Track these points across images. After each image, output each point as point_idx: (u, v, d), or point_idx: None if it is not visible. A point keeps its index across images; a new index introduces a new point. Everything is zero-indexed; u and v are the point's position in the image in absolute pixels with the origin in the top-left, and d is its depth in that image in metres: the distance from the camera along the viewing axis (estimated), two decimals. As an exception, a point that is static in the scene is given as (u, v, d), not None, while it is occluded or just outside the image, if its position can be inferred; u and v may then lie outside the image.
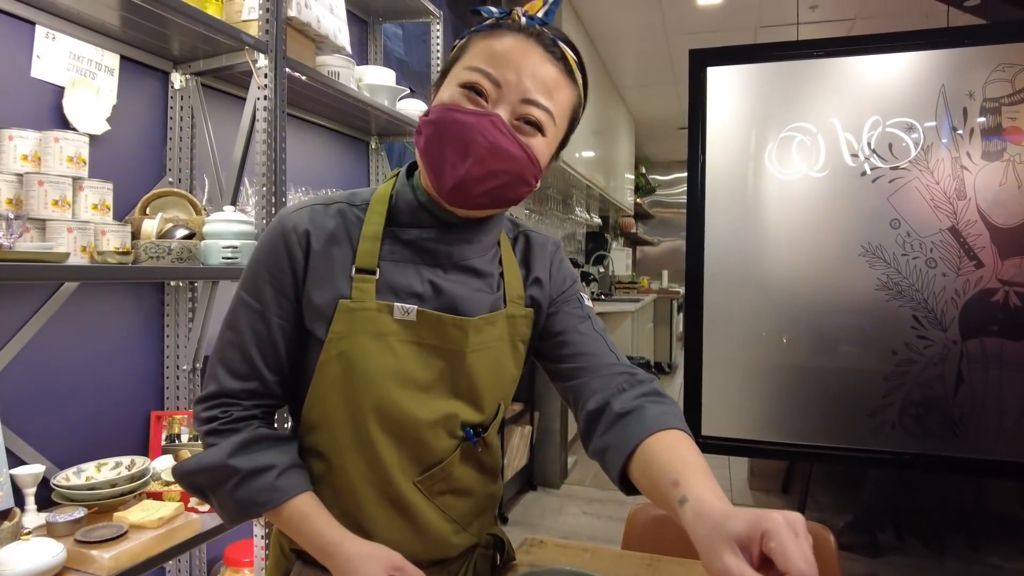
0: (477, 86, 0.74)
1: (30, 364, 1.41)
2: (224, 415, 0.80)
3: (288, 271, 0.80)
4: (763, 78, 2.30)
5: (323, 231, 0.80)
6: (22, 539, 1.16)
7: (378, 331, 0.78)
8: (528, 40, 0.75)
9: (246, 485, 0.77)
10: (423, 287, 0.81)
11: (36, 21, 1.39)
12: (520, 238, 0.94)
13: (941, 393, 2.08)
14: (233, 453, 0.77)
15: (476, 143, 0.72)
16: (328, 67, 1.91)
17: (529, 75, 0.74)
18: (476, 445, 0.86)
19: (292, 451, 0.82)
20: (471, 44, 0.77)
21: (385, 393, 0.78)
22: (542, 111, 0.75)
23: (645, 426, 0.74)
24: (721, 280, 2.33)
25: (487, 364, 0.84)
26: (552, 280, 0.92)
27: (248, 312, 0.81)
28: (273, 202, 1.60)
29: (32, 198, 1.24)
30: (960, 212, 2.05)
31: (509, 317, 0.86)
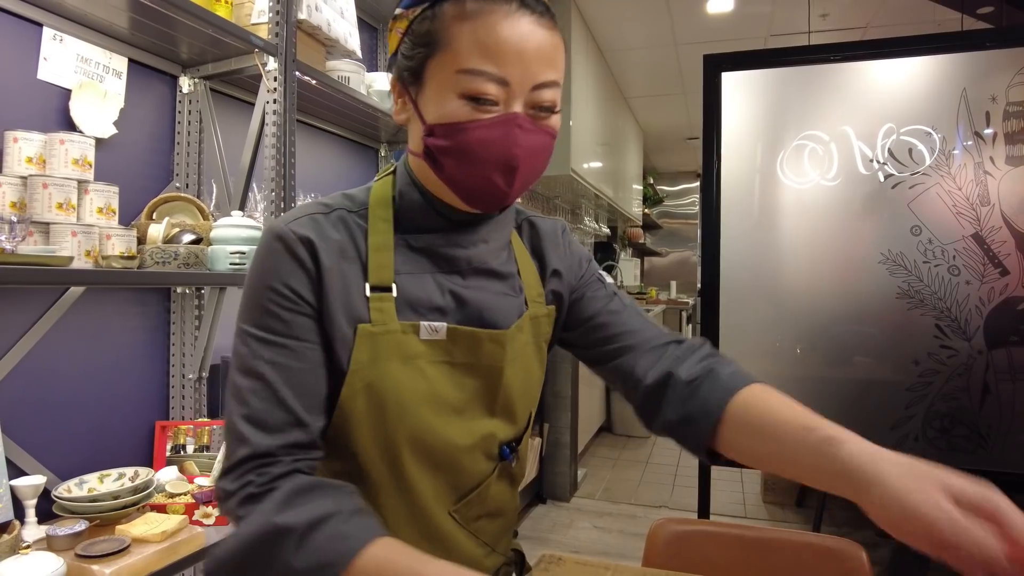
0: (484, 95, 0.64)
1: (32, 372, 1.37)
2: (261, 477, 0.62)
3: (304, 284, 0.67)
4: (775, 87, 2.26)
5: (330, 243, 0.69)
6: (21, 553, 1.12)
7: (405, 355, 0.69)
8: (519, 12, 0.64)
9: (308, 544, 0.57)
10: (444, 299, 0.73)
11: (43, 23, 1.37)
12: (524, 225, 0.86)
13: (966, 405, 2.02)
14: (280, 510, 0.59)
15: (514, 157, 0.65)
16: (338, 72, 1.89)
17: (534, 57, 0.65)
18: (511, 461, 0.80)
19: (353, 496, 0.63)
20: (448, 28, 0.64)
21: (419, 423, 0.70)
22: (554, 88, 0.68)
23: (725, 387, 0.71)
24: (736, 290, 2.29)
25: (520, 375, 0.78)
26: (570, 268, 0.86)
27: (265, 348, 0.66)
28: (282, 208, 1.57)
29: (36, 201, 1.21)
30: (984, 218, 2.00)
31: (532, 318, 0.80)
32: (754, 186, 2.29)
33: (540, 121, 0.68)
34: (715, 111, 2.30)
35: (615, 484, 3.95)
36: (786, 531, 1.23)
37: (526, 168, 0.67)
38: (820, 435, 0.60)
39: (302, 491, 0.61)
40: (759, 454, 0.67)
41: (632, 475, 4.11)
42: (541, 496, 3.65)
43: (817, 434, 0.60)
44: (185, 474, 1.56)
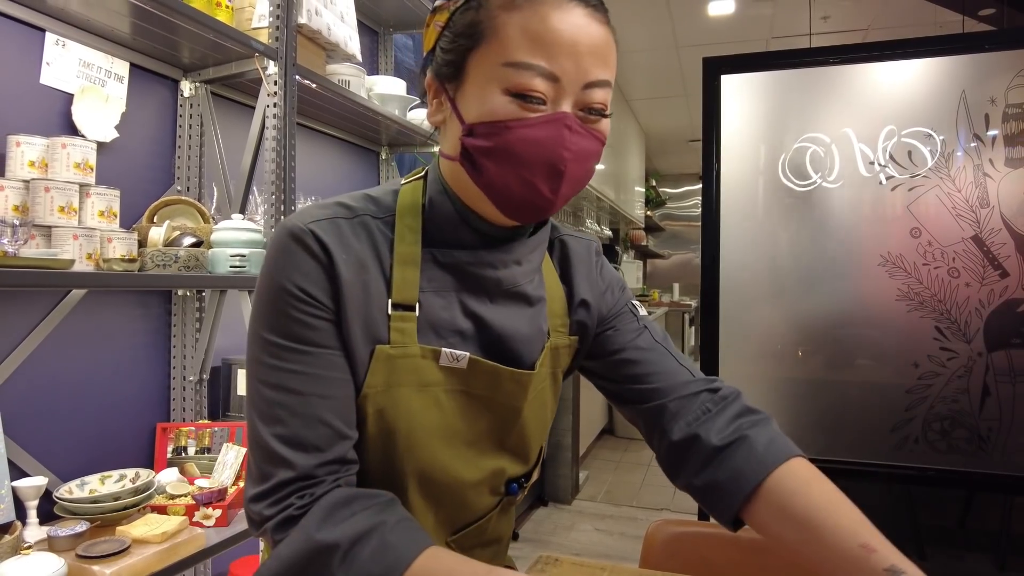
0: (532, 91, 0.58)
1: (34, 374, 1.38)
2: (302, 500, 0.58)
3: (322, 289, 0.62)
4: (775, 89, 2.27)
5: (350, 251, 0.63)
6: (22, 553, 1.13)
7: (422, 382, 0.65)
8: (569, 2, 0.59)
9: (354, 560, 0.54)
10: (467, 323, 0.67)
11: (46, 28, 1.38)
12: (557, 244, 0.79)
13: (966, 407, 2.02)
14: (320, 526, 0.55)
15: (562, 160, 0.60)
16: (338, 76, 1.90)
17: (588, 51, 0.59)
18: (517, 495, 0.76)
19: (395, 504, 0.60)
20: (495, 17, 0.59)
21: (428, 456, 0.66)
22: (605, 88, 0.62)
23: (760, 460, 0.66)
24: (737, 292, 2.29)
25: (536, 412, 0.74)
26: (601, 297, 0.79)
27: (290, 356, 0.61)
28: (282, 211, 1.58)
29: (38, 204, 1.22)
30: (983, 220, 2.00)
31: (552, 349, 0.74)
32: (755, 188, 2.29)
33: (590, 124, 0.62)
34: (715, 114, 2.31)
35: (617, 487, 3.95)
36: (783, 533, 1.23)
37: (573, 174, 0.61)
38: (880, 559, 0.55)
39: (341, 504, 0.57)
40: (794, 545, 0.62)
41: (634, 478, 4.11)
42: (542, 498, 3.65)
43: (878, 558, 0.56)
44: (186, 476, 1.57)
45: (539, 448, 0.78)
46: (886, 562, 0.55)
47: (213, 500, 1.46)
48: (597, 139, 0.63)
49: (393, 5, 2.43)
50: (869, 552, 0.56)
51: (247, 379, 0.63)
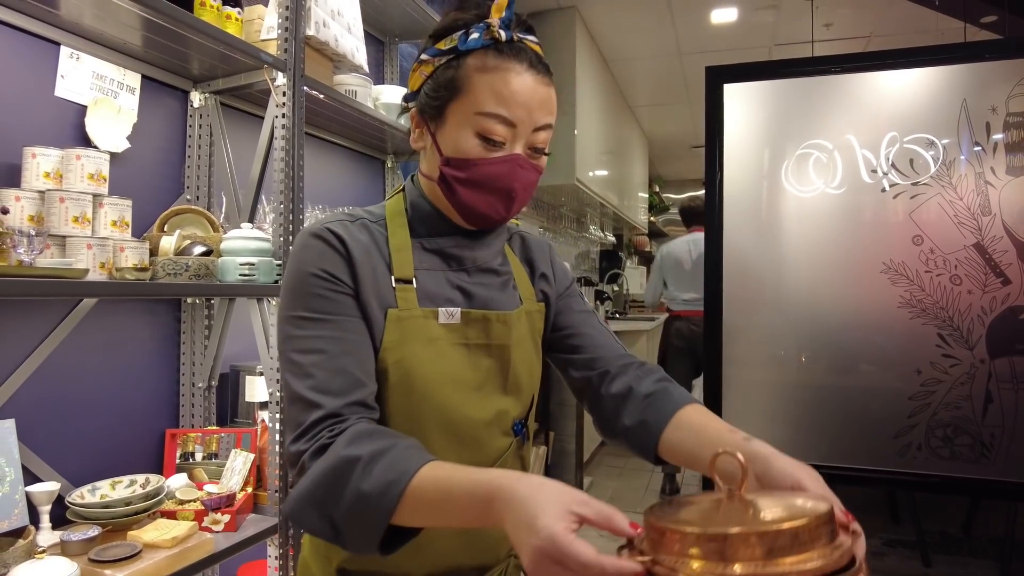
0: (495, 136, 0.77)
1: (47, 380, 1.40)
2: (332, 431, 0.69)
3: (342, 270, 0.77)
4: (779, 96, 2.29)
5: (358, 243, 0.79)
6: (36, 557, 1.14)
7: (428, 337, 0.79)
8: (531, 74, 0.78)
9: (373, 469, 0.63)
10: (453, 292, 0.84)
11: (61, 42, 1.41)
12: (515, 238, 0.98)
13: (969, 414, 2.03)
14: (347, 446, 0.66)
15: (514, 190, 0.79)
16: (345, 86, 1.92)
17: (538, 107, 0.79)
18: (523, 439, 0.89)
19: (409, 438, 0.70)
20: (471, 79, 0.77)
21: (443, 398, 0.79)
22: (547, 131, 0.81)
23: (675, 402, 0.82)
24: (739, 298, 2.30)
25: (524, 357, 0.88)
26: (556, 276, 0.98)
27: (318, 326, 0.74)
28: (291, 219, 1.60)
29: (53, 215, 1.25)
30: (985, 228, 2.01)
31: (528, 312, 0.90)
32: (758, 195, 2.30)
33: (534, 160, 0.82)
34: (718, 122, 2.32)
35: (621, 493, 3.96)
36: (785, 539, 1.24)
37: (520, 199, 0.81)
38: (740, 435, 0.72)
39: (365, 433, 0.68)
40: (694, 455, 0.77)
41: (638, 484, 4.11)
42: (547, 504, 3.65)
43: (738, 435, 0.73)
44: (194, 481, 1.59)
45: (531, 395, 0.91)
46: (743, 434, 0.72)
47: (222, 505, 1.48)
48: (538, 171, 0.83)
49: (398, 15, 2.46)
50: (732, 433, 0.74)
51: (280, 356, 0.77)
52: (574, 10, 4.14)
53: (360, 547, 0.65)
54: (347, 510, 0.64)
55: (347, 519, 0.64)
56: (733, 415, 2.31)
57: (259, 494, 1.61)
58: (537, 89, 0.78)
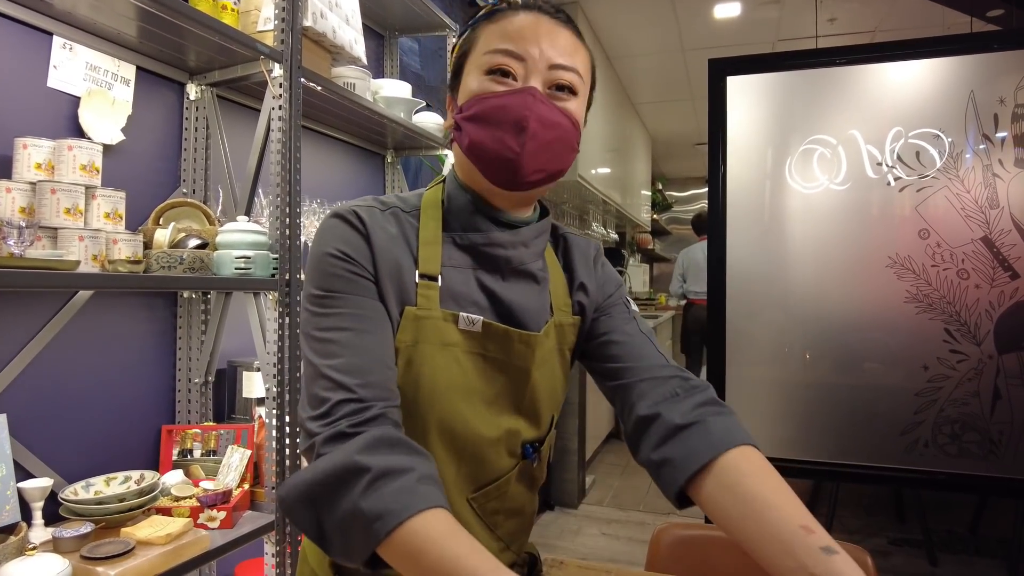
0: (504, 67, 0.73)
1: (40, 375, 1.39)
2: (354, 419, 0.65)
3: (362, 252, 0.73)
4: (782, 91, 2.26)
5: (383, 231, 0.75)
6: (27, 554, 1.12)
7: (444, 341, 0.74)
8: (536, 13, 0.76)
9: (378, 488, 0.59)
10: (480, 295, 0.78)
11: (54, 32, 1.39)
12: (561, 240, 0.91)
13: (977, 410, 2.00)
14: (363, 451, 0.61)
15: (525, 119, 0.71)
16: (344, 78, 1.90)
17: (549, 43, 0.74)
18: (533, 461, 0.83)
19: (430, 462, 0.65)
20: (480, 34, 0.77)
21: (450, 408, 0.74)
22: (571, 73, 0.75)
23: (715, 441, 0.70)
24: (744, 295, 2.28)
25: (546, 379, 0.82)
26: (599, 287, 0.89)
27: (340, 304, 0.71)
28: (287, 213, 1.58)
29: (44, 206, 1.23)
30: (993, 221, 1.98)
31: (558, 326, 0.83)
32: (762, 190, 2.28)
33: (557, 100, 0.75)
34: (721, 115, 2.30)
35: (623, 491, 3.93)
36: (791, 536, 1.22)
37: (536, 133, 0.72)
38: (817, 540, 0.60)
39: (387, 442, 0.63)
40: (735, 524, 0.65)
41: (640, 482, 4.09)
42: (549, 503, 3.64)
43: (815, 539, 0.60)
44: (190, 478, 1.57)
45: (551, 416, 0.85)
46: (823, 542, 0.59)
47: (218, 502, 1.46)
48: (561, 112, 0.74)
49: (399, 9, 2.43)
50: (808, 533, 0.60)
51: (301, 335, 0.74)
52: (576, 6, 4.11)
53: (342, 559, 0.61)
54: (339, 521, 0.60)
55: (336, 529, 0.61)
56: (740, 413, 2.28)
57: (256, 491, 1.59)
58: (548, 26, 0.75)
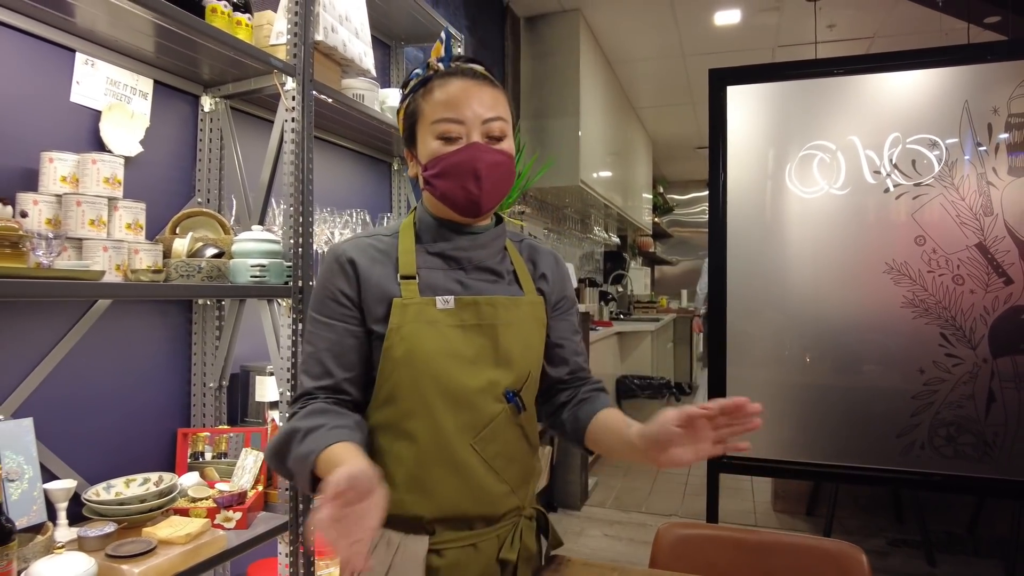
0: (450, 134, 0.96)
1: (63, 381, 1.43)
2: (305, 406, 0.95)
3: (345, 286, 0.98)
4: (782, 97, 2.31)
5: (366, 255, 1.00)
6: (55, 553, 1.17)
7: (428, 319, 0.96)
8: (461, 79, 0.97)
9: (306, 439, 0.89)
10: (453, 285, 1.00)
11: (77, 49, 1.44)
12: (524, 243, 1.13)
13: (972, 413, 2.05)
14: (301, 419, 0.92)
15: (478, 168, 0.95)
16: (353, 90, 1.95)
17: (478, 103, 0.96)
18: (516, 405, 1.01)
19: (351, 418, 0.94)
20: (422, 104, 0.99)
21: (440, 367, 0.95)
22: (499, 121, 0.98)
23: (597, 406, 1.05)
24: (744, 299, 2.32)
25: (517, 337, 1.01)
26: (555, 280, 1.11)
27: (318, 326, 0.99)
28: (300, 222, 1.63)
29: (70, 218, 1.28)
30: (987, 228, 2.03)
31: (528, 303, 1.05)
32: (762, 196, 2.32)
33: (494, 145, 0.98)
34: (721, 124, 2.35)
35: (625, 493, 3.97)
36: (787, 535, 1.26)
37: (489, 176, 0.96)
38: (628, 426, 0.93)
39: (317, 411, 0.93)
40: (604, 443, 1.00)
41: (642, 484, 4.13)
42: (552, 504, 3.68)
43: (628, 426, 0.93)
44: (206, 480, 1.62)
45: (527, 369, 1.03)
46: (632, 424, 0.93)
47: (233, 503, 1.51)
48: (502, 153, 0.98)
49: (404, 19, 2.48)
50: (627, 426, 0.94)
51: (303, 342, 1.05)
52: (578, 12, 4.16)
53: (304, 490, 0.93)
54: (292, 463, 0.90)
55: (293, 468, 0.91)
56: (737, 414, 2.32)
57: (270, 492, 1.64)
58: (475, 89, 0.97)
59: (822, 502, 3.43)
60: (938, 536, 3.08)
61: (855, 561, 1.14)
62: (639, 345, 5.39)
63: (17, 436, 1.27)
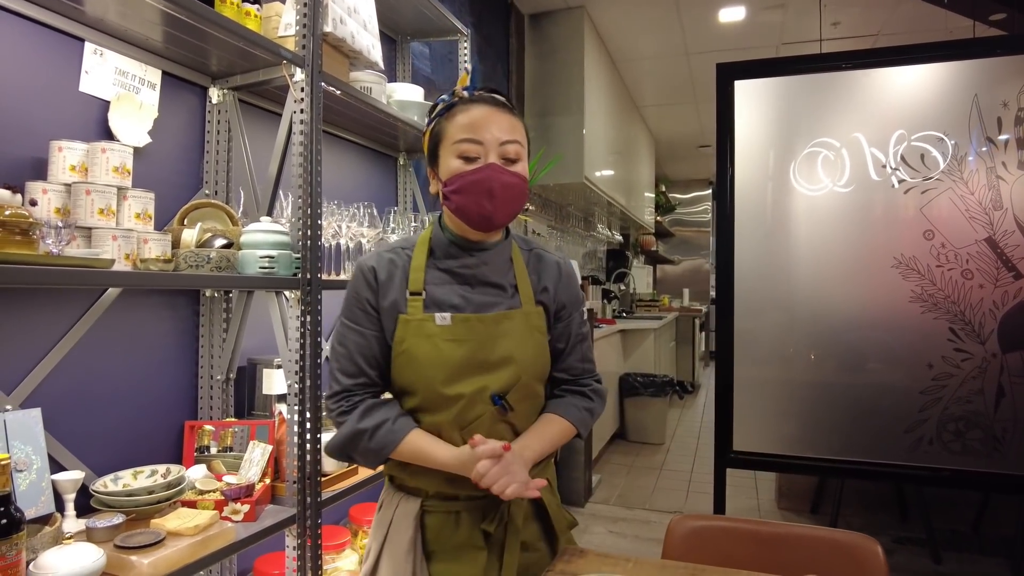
0: (469, 153, 1.06)
1: (70, 371, 1.43)
2: (346, 402, 1.11)
3: (367, 296, 1.12)
4: (786, 95, 2.30)
5: (385, 269, 1.12)
6: (64, 543, 1.16)
7: (426, 334, 1.09)
8: (483, 105, 1.08)
9: (375, 437, 1.07)
10: (458, 299, 1.12)
11: (85, 38, 1.43)
12: (532, 254, 1.21)
13: (981, 408, 2.04)
14: (359, 420, 1.08)
15: (492, 188, 1.05)
16: (361, 83, 1.94)
17: (496, 127, 1.06)
18: (502, 407, 1.10)
19: (396, 407, 1.12)
20: (446, 127, 1.09)
21: (433, 375, 1.08)
22: (515, 144, 1.08)
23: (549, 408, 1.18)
24: (751, 296, 2.31)
25: (509, 346, 1.11)
26: (558, 291, 1.20)
27: (349, 331, 1.12)
28: (309, 214, 1.62)
29: (79, 207, 1.27)
30: (996, 222, 2.02)
31: (524, 314, 1.14)
32: (767, 193, 2.32)
33: (509, 167, 1.07)
34: (728, 119, 2.34)
35: (629, 490, 3.97)
36: (800, 526, 1.25)
37: (502, 196, 1.05)
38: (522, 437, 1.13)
39: (371, 408, 1.10)
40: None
41: (646, 481, 4.12)
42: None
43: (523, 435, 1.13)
44: (213, 472, 1.61)
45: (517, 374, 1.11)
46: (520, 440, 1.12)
47: (241, 496, 1.50)
48: (516, 175, 1.08)
49: (411, 14, 2.48)
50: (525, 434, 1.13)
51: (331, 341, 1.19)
52: (582, 9, 4.16)
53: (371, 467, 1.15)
54: (362, 456, 1.11)
55: (361, 459, 1.12)
56: (745, 411, 2.32)
57: (277, 485, 1.63)
58: (494, 114, 1.07)
59: (826, 499, 3.42)
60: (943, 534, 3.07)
61: (870, 553, 1.13)
62: (642, 343, 5.38)
63: (26, 426, 1.26)
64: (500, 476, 1.00)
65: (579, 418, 1.18)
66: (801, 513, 3.51)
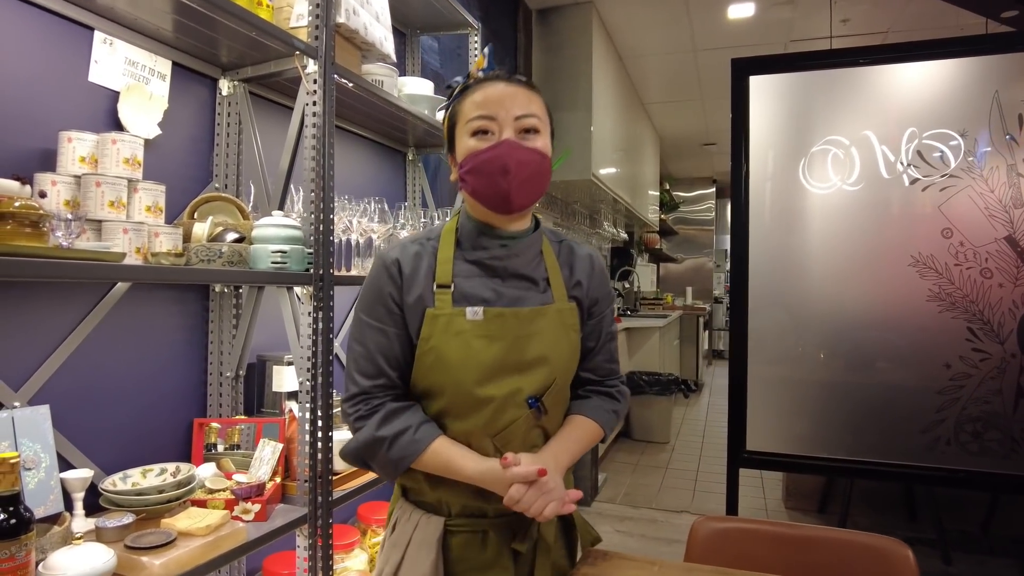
0: (483, 129, 0.99)
1: (79, 368, 1.40)
2: (365, 406, 1.02)
3: (391, 291, 1.03)
4: (796, 92, 2.27)
5: (409, 261, 1.04)
6: (73, 543, 1.14)
7: (456, 330, 1.00)
8: (496, 82, 1.02)
9: (394, 446, 0.98)
10: (489, 293, 1.03)
11: (95, 27, 1.40)
12: (563, 247, 1.14)
13: (999, 408, 2.01)
14: (378, 427, 0.99)
15: (507, 164, 0.97)
16: (372, 75, 1.91)
17: (511, 101, 0.99)
18: (538, 410, 1.03)
19: (419, 412, 1.03)
20: (460, 108, 1.03)
21: (464, 376, 0.99)
22: (531, 117, 1.00)
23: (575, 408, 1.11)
24: (763, 295, 2.29)
25: (543, 345, 1.03)
26: (591, 286, 1.12)
27: (369, 329, 1.04)
28: (321, 208, 1.59)
29: (89, 199, 1.24)
30: (1017, 221, 1.99)
31: (557, 311, 1.06)
32: (778, 191, 2.29)
33: (527, 142, 1.00)
34: (743, 115, 2.31)
35: (635, 489, 3.94)
36: (827, 529, 1.23)
37: (518, 172, 0.98)
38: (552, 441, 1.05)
39: (391, 413, 1.00)
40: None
41: (652, 480, 4.10)
42: (562, 500, 3.64)
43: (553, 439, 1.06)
44: (222, 471, 1.58)
45: (552, 376, 1.04)
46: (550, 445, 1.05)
47: (252, 495, 1.47)
48: (533, 150, 1.00)
49: (421, 7, 2.44)
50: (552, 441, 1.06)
51: (349, 338, 1.07)
52: (590, 5, 4.12)
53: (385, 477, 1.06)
54: (378, 465, 1.02)
55: (379, 468, 1.03)
56: (759, 410, 2.29)
57: (287, 484, 1.60)
58: (508, 88, 1.00)
59: (834, 499, 3.40)
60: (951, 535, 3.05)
61: (901, 557, 1.11)
62: (647, 342, 5.36)
63: (34, 423, 1.23)
64: (536, 499, 0.92)
65: (607, 420, 1.12)
66: (808, 513, 3.49)
